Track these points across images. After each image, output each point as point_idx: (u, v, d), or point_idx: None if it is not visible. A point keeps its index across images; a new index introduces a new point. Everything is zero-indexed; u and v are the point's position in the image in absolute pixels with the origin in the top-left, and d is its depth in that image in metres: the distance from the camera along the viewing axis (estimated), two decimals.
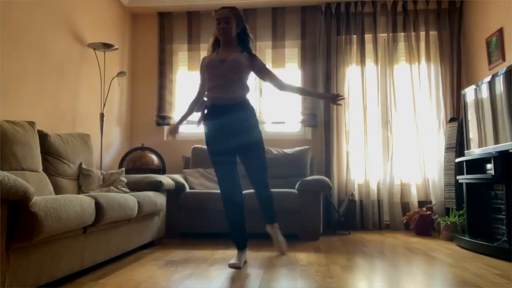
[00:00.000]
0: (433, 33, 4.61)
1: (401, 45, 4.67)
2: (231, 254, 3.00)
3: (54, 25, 3.53)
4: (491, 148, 3.24)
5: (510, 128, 3.00)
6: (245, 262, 2.71)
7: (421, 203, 4.39)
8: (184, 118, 3.00)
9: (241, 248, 2.73)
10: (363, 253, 3.07)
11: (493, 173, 2.98)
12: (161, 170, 4.53)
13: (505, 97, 3.05)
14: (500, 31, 3.78)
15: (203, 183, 4.18)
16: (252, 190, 3.89)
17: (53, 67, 3.50)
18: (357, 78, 4.66)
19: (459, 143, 4.04)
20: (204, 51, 4.89)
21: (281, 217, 3.76)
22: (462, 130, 3.90)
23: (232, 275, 2.37)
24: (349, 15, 4.68)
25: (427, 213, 4.06)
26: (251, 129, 2.74)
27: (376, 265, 2.65)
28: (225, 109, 2.67)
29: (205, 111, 2.73)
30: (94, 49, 3.98)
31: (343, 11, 4.67)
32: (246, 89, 2.77)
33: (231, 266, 2.55)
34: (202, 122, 2.75)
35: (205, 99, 2.79)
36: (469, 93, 3.65)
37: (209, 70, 2.71)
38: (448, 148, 4.22)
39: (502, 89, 3.10)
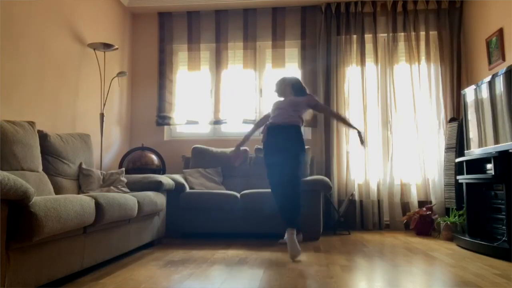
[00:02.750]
0: (433, 33, 4.61)
1: (401, 45, 4.68)
2: (231, 254, 3.01)
3: (54, 25, 3.53)
4: (491, 148, 3.24)
5: (510, 128, 3.00)
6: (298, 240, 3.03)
7: (421, 203, 4.39)
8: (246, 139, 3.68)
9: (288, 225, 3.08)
10: (363, 253, 3.07)
11: (493, 173, 2.98)
12: (161, 170, 4.53)
13: (505, 97, 3.06)
14: (500, 31, 3.78)
15: (203, 183, 4.18)
16: (253, 190, 3.92)
17: (53, 67, 3.50)
18: (357, 78, 4.66)
19: (459, 143, 4.05)
20: (204, 51, 4.91)
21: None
22: (462, 130, 3.90)
23: (232, 275, 2.37)
24: (349, 15, 4.68)
25: (427, 213, 4.06)
26: (295, 144, 3.29)
27: (376, 265, 2.65)
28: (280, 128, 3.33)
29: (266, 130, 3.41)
30: (94, 49, 3.98)
31: (343, 11, 4.68)
32: (300, 118, 3.37)
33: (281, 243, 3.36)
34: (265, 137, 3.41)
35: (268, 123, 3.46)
36: (469, 93, 3.65)
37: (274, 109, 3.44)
38: (448, 148, 4.22)
39: (502, 89, 3.11)
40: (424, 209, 4.12)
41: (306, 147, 4.48)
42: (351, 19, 4.67)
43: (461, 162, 3.54)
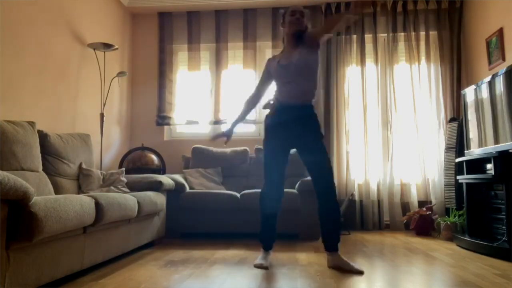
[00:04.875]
0: (433, 33, 4.61)
1: (401, 45, 4.68)
2: (231, 254, 3.01)
3: (54, 25, 3.53)
4: (491, 148, 3.24)
5: (510, 128, 3.00)
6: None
7: (421, 203, 4.39)
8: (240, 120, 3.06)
9: (267, 248, 2.77)
10: (363, 253, 3.07)
11: (493, 173, 2.98)
12: (161, 170, 4.53)
13: (505, 97, 3.06)
14: (500, 31, 3.78)
15: (203, 183, 4.18)
16: (253, 190, 3.90)
17: (53, 67, 3.50)
18: (357, 78, 4.66)
19: (459, 143, 4.05)
20: (204, 51, 4.90)
21: (281, 217, 3.77)
22: (462, 130, 3.90)
23: (232, 275, 2.37)
24: None
25: (427, 213, 4.06)
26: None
27: (376, 265, 2.65)
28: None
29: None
30: (94, 49, 3.98)
31: (343, 11, 4.67)
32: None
33: (257, 266, 2.58)
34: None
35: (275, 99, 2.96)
36: (469, 93, 3.65)
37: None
38: (448, 148, 4.22)
39: (502, 89, 3.11)
40: (424, 209, 4.12)
41: None
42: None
43: (461, 162, 3.54)
